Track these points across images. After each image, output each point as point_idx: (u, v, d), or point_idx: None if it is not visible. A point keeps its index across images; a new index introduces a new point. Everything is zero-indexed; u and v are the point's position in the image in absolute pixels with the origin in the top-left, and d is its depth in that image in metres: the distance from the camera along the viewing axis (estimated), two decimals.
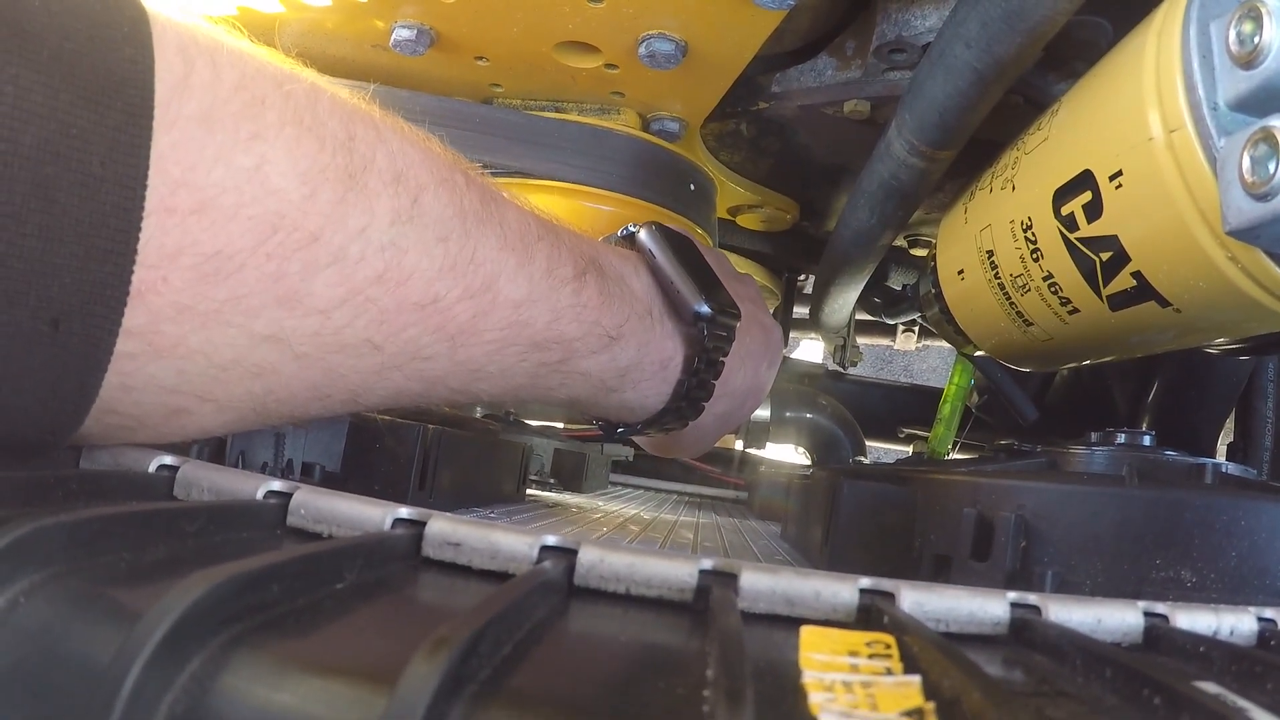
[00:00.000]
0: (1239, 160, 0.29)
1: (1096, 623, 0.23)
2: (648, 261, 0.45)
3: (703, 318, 0.43)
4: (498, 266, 0.34)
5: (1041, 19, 0.40)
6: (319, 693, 0.16)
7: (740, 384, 0.49)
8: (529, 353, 0.37)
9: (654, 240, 0.45)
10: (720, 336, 0.44)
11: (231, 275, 0.26)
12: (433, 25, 0.55)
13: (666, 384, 0.44)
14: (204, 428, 0.30)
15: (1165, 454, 0.43)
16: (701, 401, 0.46)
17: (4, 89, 0.21)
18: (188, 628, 0.16)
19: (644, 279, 0.44)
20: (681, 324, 0.44)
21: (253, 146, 0.26)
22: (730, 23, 0.50)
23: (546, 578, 0.21)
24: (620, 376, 0.42)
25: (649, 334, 0.42)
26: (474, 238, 0.33)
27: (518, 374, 0.37)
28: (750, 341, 0.49)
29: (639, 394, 0.44)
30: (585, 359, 0.40)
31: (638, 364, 0.42)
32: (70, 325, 0.23)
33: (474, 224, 0.33)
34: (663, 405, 0.45)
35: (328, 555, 0.21)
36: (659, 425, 0.46)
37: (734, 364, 0.47)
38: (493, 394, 0.38)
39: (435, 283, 0.31)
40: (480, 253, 0.33)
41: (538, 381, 0.39)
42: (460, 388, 0.36)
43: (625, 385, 0.43)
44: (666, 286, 0.44)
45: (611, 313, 0.40)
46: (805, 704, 0.15)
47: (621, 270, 0.42)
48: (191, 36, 0.26)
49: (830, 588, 0.22)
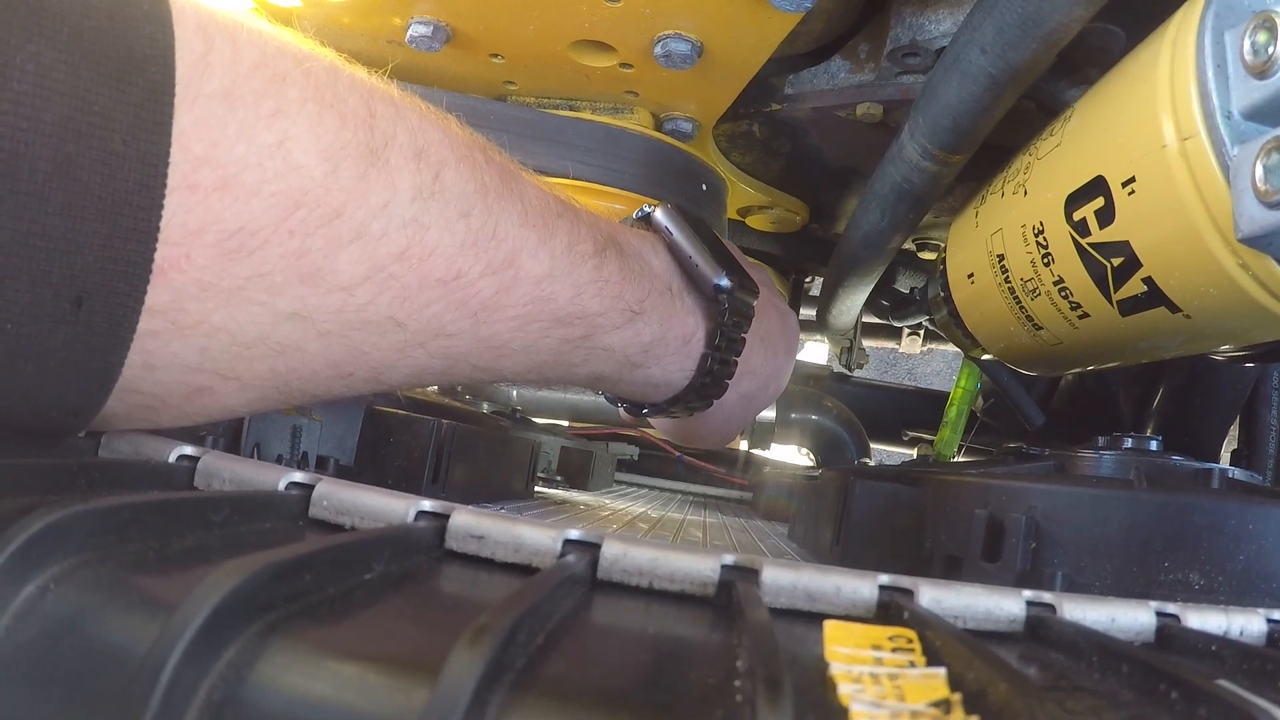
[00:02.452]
0: (1252, 168, 0.30)
1: (1110, 621, 0.23)
2: (665, 239, 0.45)
3: (723, 290, 0.43)
4: (519, 242, 0.34)
5: (1057, 25, 0.40)
6: (357, 681, 0.16)
7: (761, 365, 0.49)
8: (552, 328, 0.37)
9: (670, 218, 0.45)
10: (740, 312, 0.44)
11: (254, 252, 0.26)
12: (449, 22, 0.55)
13: (690, 359, 0.44)
14: (227, 406, 0.30)
15: (1172, 459, 0.43)
16: (725, 379, 0.45)
17: (25, 67, 0.21)
18: (225, 615, 0.17)
19: (662, 256, 0.44)
20: (702, 300, 0.44)
21: (275, 123, 0.26)
22: (746, 24, 0.51)
23: (572, 571, 0.22)
24: (644, 352, 0.42)
25: (670, 309, 0.42)
26: (495, 213, 0.33)
27: (541, 350, 0.37)
28: (768, 324, 0.49)
29: (663, 370, 0.44)
30: (608, 334, 0.39)
31: (661, 339, 0.42)
32: (93, 304, 0.23)
33: (495, 200, 0.33)
34: (687, 382, 0.45)
35: (357, 546, 0.21)
36: (684, 404, 0.46)
37: (754, 343, 0.47)
38: (516, 371, 0.38)
39: (457, 259, 0.31)
40: (502, 228, 0.33)
41: (561, 358, 0.39)
42: (484, 365, 0.36)
43: (649, 361, 0.43)
44: (684, 262, 0.44)
45: (633, 288, 0.40)
46: (835, 695, 0.15)
47: (639, 248, 0.42)
48: (210, 15, 0.26)
49: (851, 584, 0.23)
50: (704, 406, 0.47)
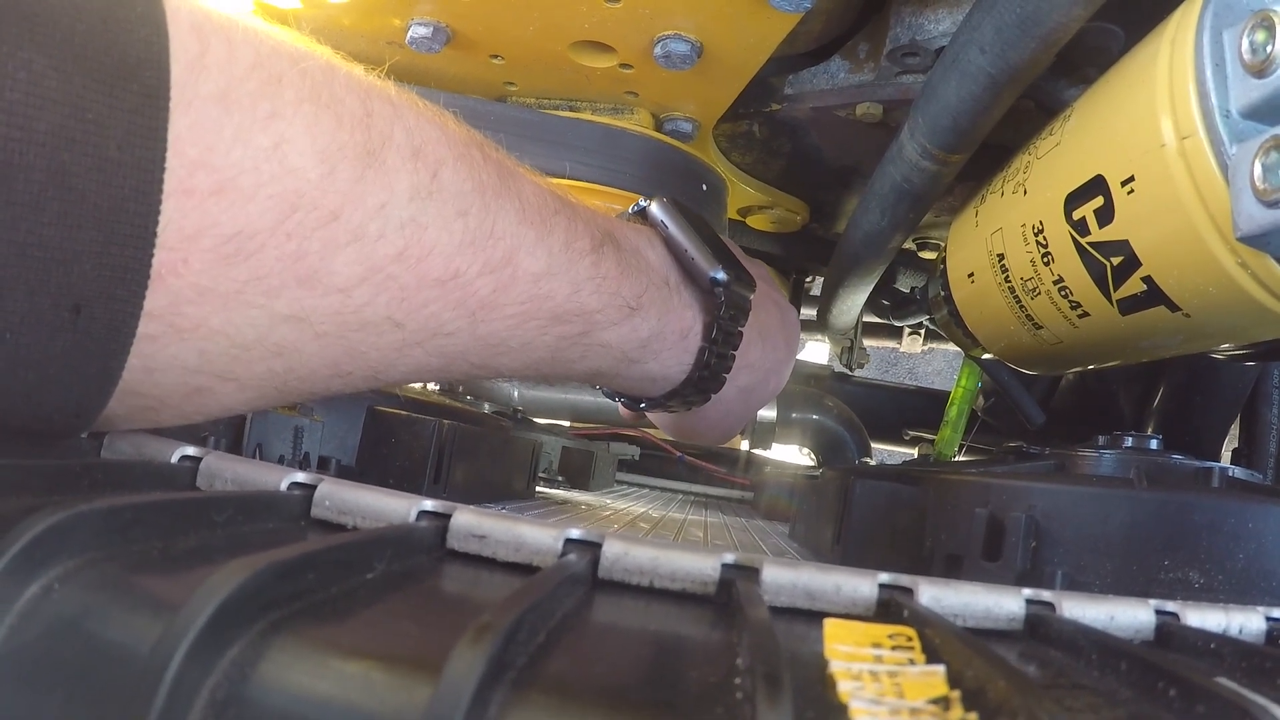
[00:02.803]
0: (1250, 167, 0.30)
1: (1109, 619, 0.24)
2: (661, 234, 0.45)
3: (719, 283, 0.43)
4: (517, 240, 0.34)
5: (1056, 25, 0.40)
6: (360, 679, 0.16)
7: (759, 359, 0.49)
8: (550, 326, 0.37)
9: (666, 212, 0.45)
10: (736, 305, 0.44)
11: (252, 256, 0.26)
12: (449, 23, 0.55)
13: (688, 353, 0.44)
14: (225, 406, 0.30)
15: (1172, 458, 0.43)
16: (723, 373, 0.46)
17: (17, 75, 0.21)
18: (229, 614, 0.17)
19: (659, 250, 0.44)
20: (699, 293, 0.44)
21: (271, 125, 0.26)
22: (746, 24, 0.51)
23: (573, 570, 0.22)
24: (642, 347, 0.42)
25: (668, 303, 0.43)
26: (493, 212, 0.33)
27: (539, 348, 0.37)
28: (766, 317, 0.49)
29: (661, 364, 0.44)
30: (606, 330, 0.40)
31: (659, 334, 0.42)
32: (92, 311, 0.23)
33: (492, 198, 0.33)
34: (684, 376, 0.45)
35: (359, 545, 0.21)
36: (682, 398, 0.46)
37: (751, 336, 0.47)
38: (514, 369, 0.38)
39: (455, 258, 0.31)
40: (499, 227, 0.33)
41: (559, 355, 0.39)
42: (481, 363, 0.36)
43: (647, 356, 0.43)
44: (681, 256, 0.44)
45: (630, 283, 0.40)
46: (834, 692, 0.16)
47: (636, 243, 0.43)
48: (205, 15, 0.25)
49: (850, 582, 0.23)
50: (702, 401, 0.47)
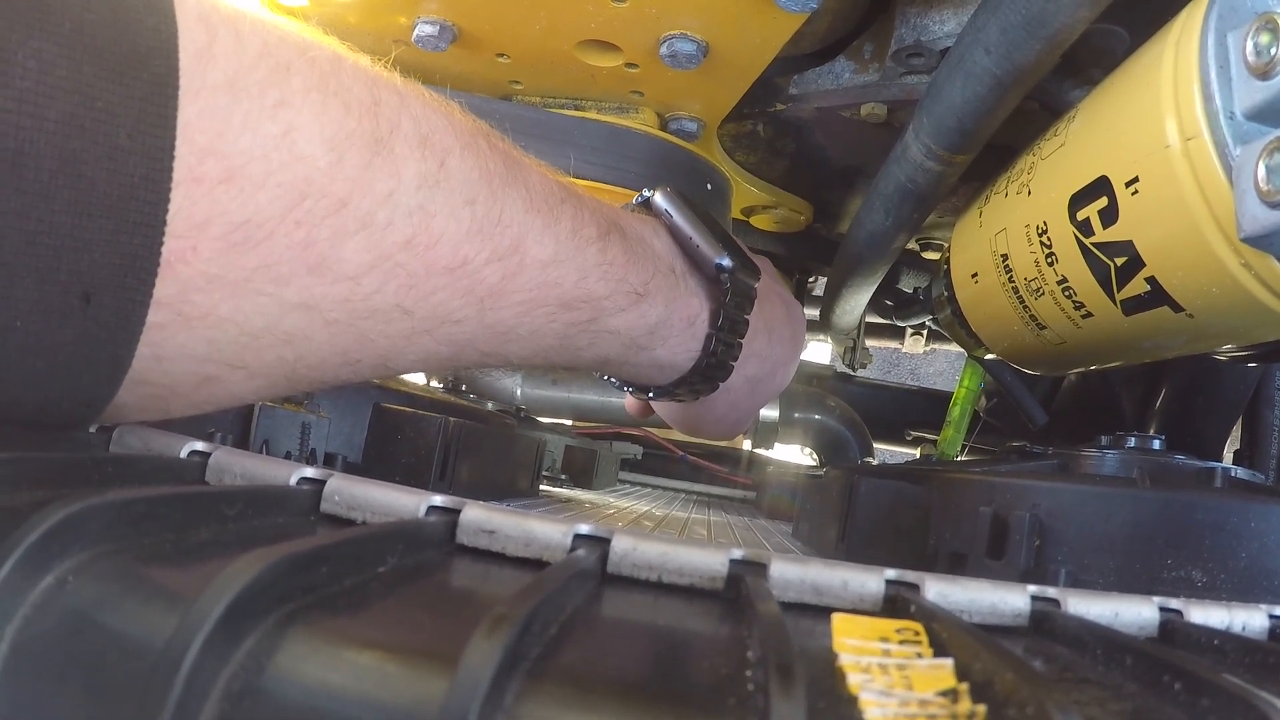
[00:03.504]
0: (1254, 168, 0.30)
1: (1114, 616, 0.24)
2: (665, 222, 0.45)
3: (725, 269, 0.43)
4: (524, 228, 0.34)
5: (1061, 26, 0.40)
6: (375, 670, 0.16)
7: (765, 349, 0.49)
8: (558, 313, 0.37)
9: (670, 201, 0.45)
10: (742, 292, 0.45)
11: (261, 243, 0.26)
12: (455, 21, 0.56)
13: (695, 340, 0.45)
14: (235, 395, 0.30)
15: (1175, 458, 0.44)
16: (730, 360, 0.46)
17: (27, 64, 0.21)
18: (244, 606, 0.17)
19: (664, 239, 0.44)
20: (704, 281, 0.45)
21: (279, 113, 0.26)
22: (752, 24, 0.51)
23: (583, 565, 0.22)
24: (649, 334, 0.42)
25: (674, 290, 0.43)
26: (500, 200, 0.33)
27: (547, 335, 0.37)
28: (771, 309, 0.50)
29: (669, 351, 0.44)
30: (614, 317, 0.40)
31: (666, 320, 0.43)
32: (102, 299, 0.23)
33: (500, 186, 0.33)
34: (692, 363, 0.45)
35: (371, 540, 0.21)
36: (689, 386, 0.47)
37: (757, 326, 0.47)
38: (522, 356, 0.38)
39: (463, 245, 0.31)
40: (507, 214, 0.33)
41: (567, 342, 0.39)
42: (490, 350, 0.36)
43: (655, 342, 0.43)
44: (686, 244, 0.44)
45: (637, 270, 0.40)
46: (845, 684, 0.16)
47: (642, 231, 0.43)
48: (213, 6, 0.26)
49: (858, 578, 0.23)
50: (709, 389, 0.47)
